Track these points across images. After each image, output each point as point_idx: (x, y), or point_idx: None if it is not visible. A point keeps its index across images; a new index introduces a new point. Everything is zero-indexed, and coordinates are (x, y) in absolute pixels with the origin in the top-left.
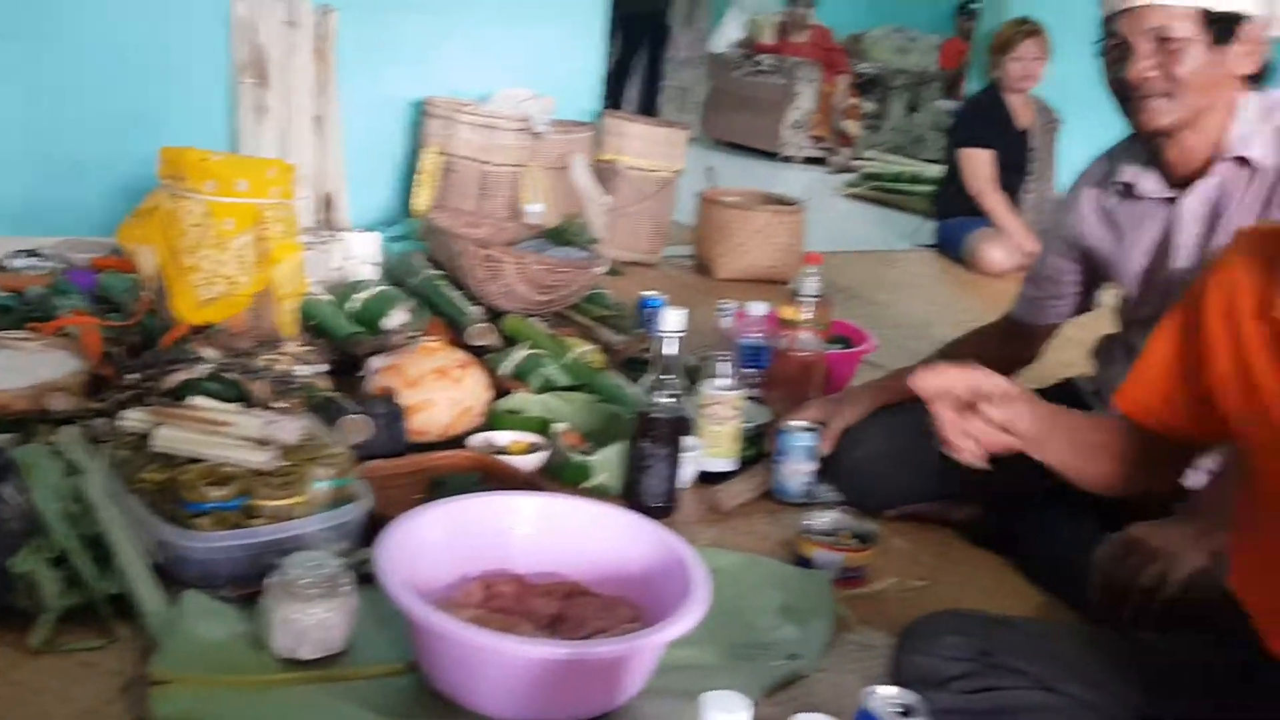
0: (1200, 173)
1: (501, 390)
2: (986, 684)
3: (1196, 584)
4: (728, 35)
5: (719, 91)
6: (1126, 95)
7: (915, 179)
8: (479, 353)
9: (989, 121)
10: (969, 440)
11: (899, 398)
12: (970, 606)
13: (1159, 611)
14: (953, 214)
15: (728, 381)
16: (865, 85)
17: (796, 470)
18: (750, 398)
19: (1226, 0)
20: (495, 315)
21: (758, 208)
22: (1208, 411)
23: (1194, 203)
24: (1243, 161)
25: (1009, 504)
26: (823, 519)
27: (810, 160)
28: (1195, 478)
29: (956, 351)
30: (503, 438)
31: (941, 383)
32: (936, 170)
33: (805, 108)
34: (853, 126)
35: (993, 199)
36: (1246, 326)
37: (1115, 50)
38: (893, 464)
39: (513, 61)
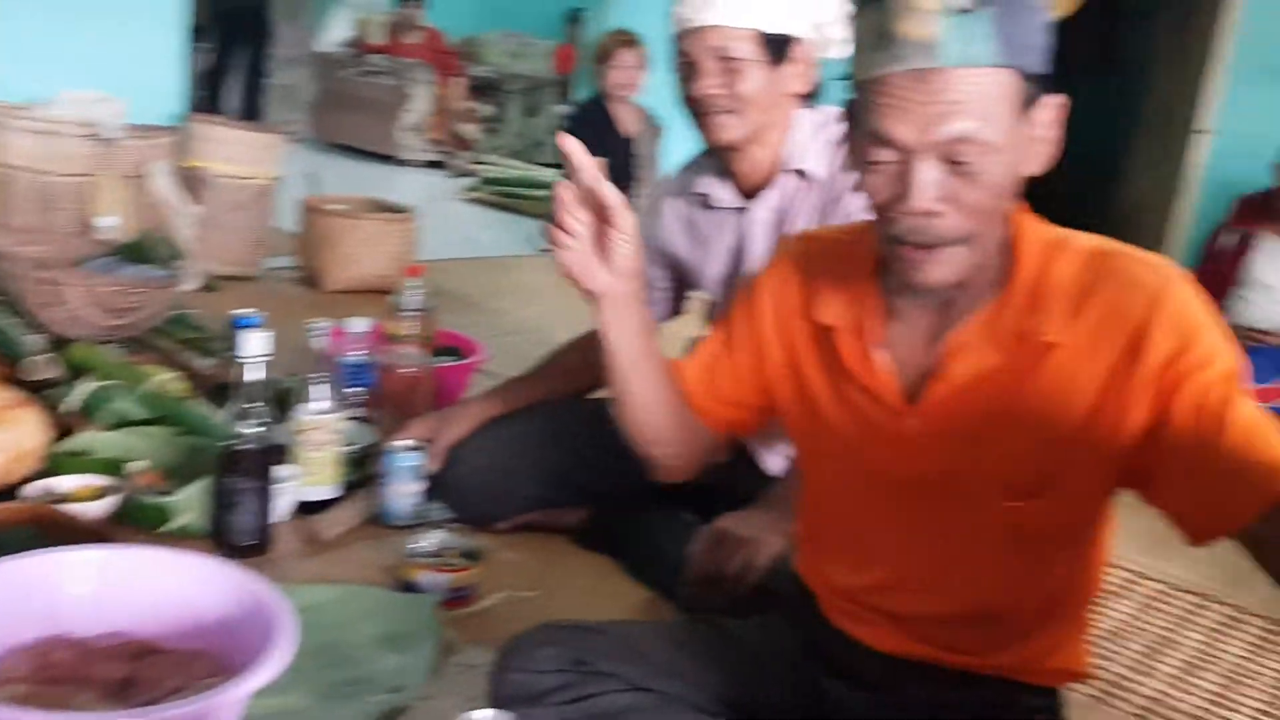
0: (766, 183)
1: (65, 429)
2: (583, 693)
3: (779, 568)
4: (335, 34)
5: (329, 92)
6: (697, 111)
7: (534, 184)
8: (38, 388)
9: (595, 129)
10: (576, 241)
11: (506, 409)
12: (580, 611)
13: (748, 597)
14: None
15: (324, 404)
16: (481, 89)
17: (403, 491)
18: (356, 418)
19: (780, 24)
20: (60, 344)
21: (365, 215)
22: (763, 405)
23: (761, 212)
24: (801, 173)
25: (615, 505)
26: (428, 540)
27: (429, 164)
28: (776, 463)
29: (559, 362)
30: (66, 483)
31: (594, 172)
32: (555, 175)
33: (420, 110)
34: (470, 130)
35: None
36: (794, 325)
37: (685, 68)
38: (501, 476)
39: (76, 61)
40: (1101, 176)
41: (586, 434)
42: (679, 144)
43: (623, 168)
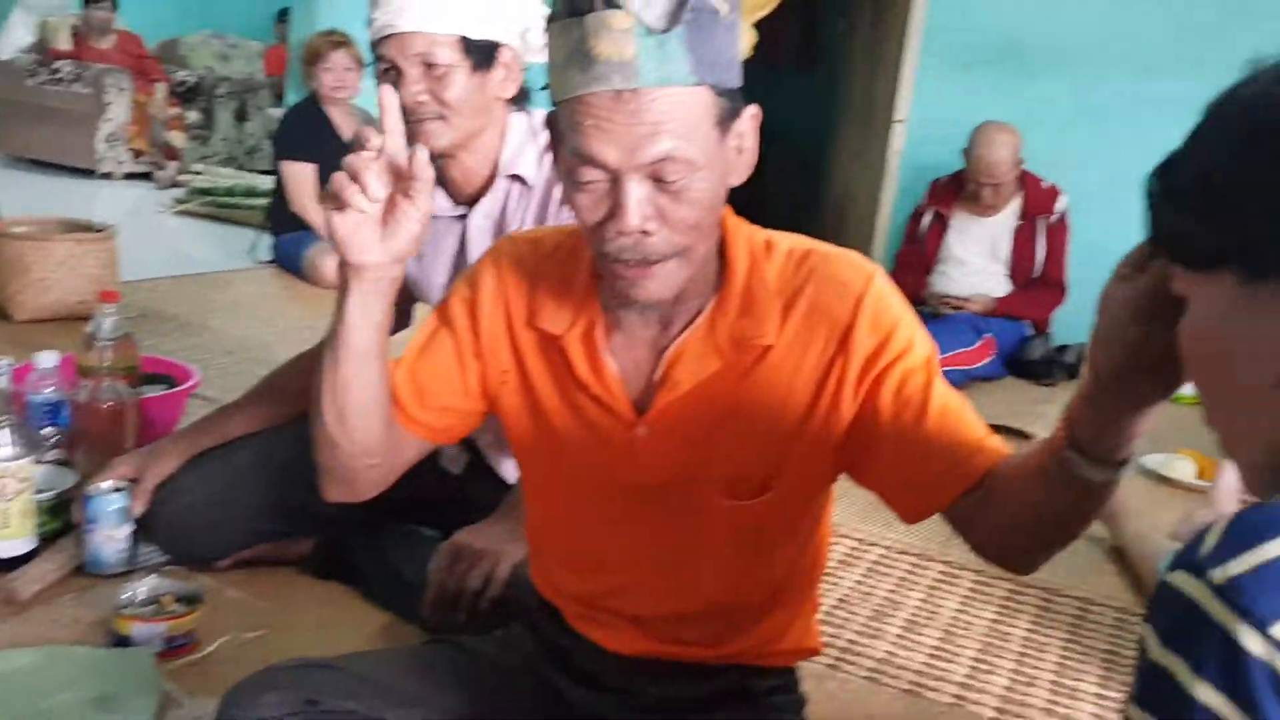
0: (484, 190)
1: None
2: None
3: (520, 577)
4: (16, 39)
5: (12, 103)
6: (404, 119)
7: (250, 192)
8: None
9: (310, 134)
10: (370, 205)
11: (218, 440)
12: (315, 646)
13: (491, 610)
14: (289, 228)
15: (8, 450)
16: (187, 94)
17: (110, 537)
18: (50, 461)
19: (483, 29)
20: None
21: (58, 236)
22: (481, 411)
23: (480, 218)
24: (518, 179)
25: (344, 530)
26: (141, 588)
27: (134, 176)
28: (513, 471)
29: (275, 386)
30: None
31: (402, 137)
32: (271, 182)
33: (119, 119)
34: (178, 138)
35: (318, 214)
36: (521, 333)
37: (387, 75)
38: (218, 511)
39: None
40: (812, 169)
41: (311, 457)
42: None
43: None
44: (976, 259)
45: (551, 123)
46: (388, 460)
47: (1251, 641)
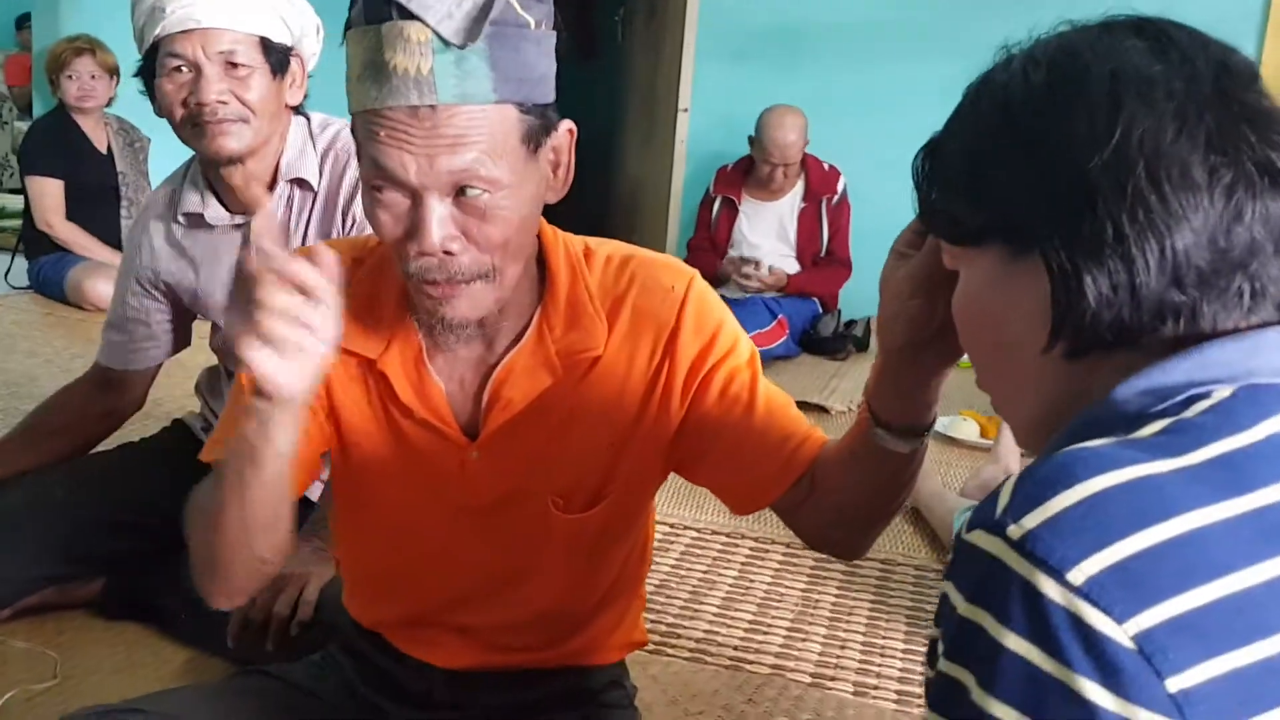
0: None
1: None
2: None
3: (331, 597)
4: None
5: None
6: (198, 119)
7: (0, 212)
8: None
9: (59, 147)
10: (320, 336)
11: None
12: (113, 690)
13: (302, 635)
14: (46, 250)
15: None
16: None
17: None
18: None
19: (279, 32)
20: None
21: None
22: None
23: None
24: (300, 182)
25: (139, 565)
26: None
27: None
28: (314, 489)
29: (45, 422)
30: None
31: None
32: (22, 202)
33: None
34: None
35: (65, 230)
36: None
37: (180, 72)
38: None
39: None
40: (602, 160)
41: (96, 494)
42: (169, 155)
43: (104, 188)
44: (766, 241)
45: (353, 131)
46: (282, 555)
47: (1050, 589)
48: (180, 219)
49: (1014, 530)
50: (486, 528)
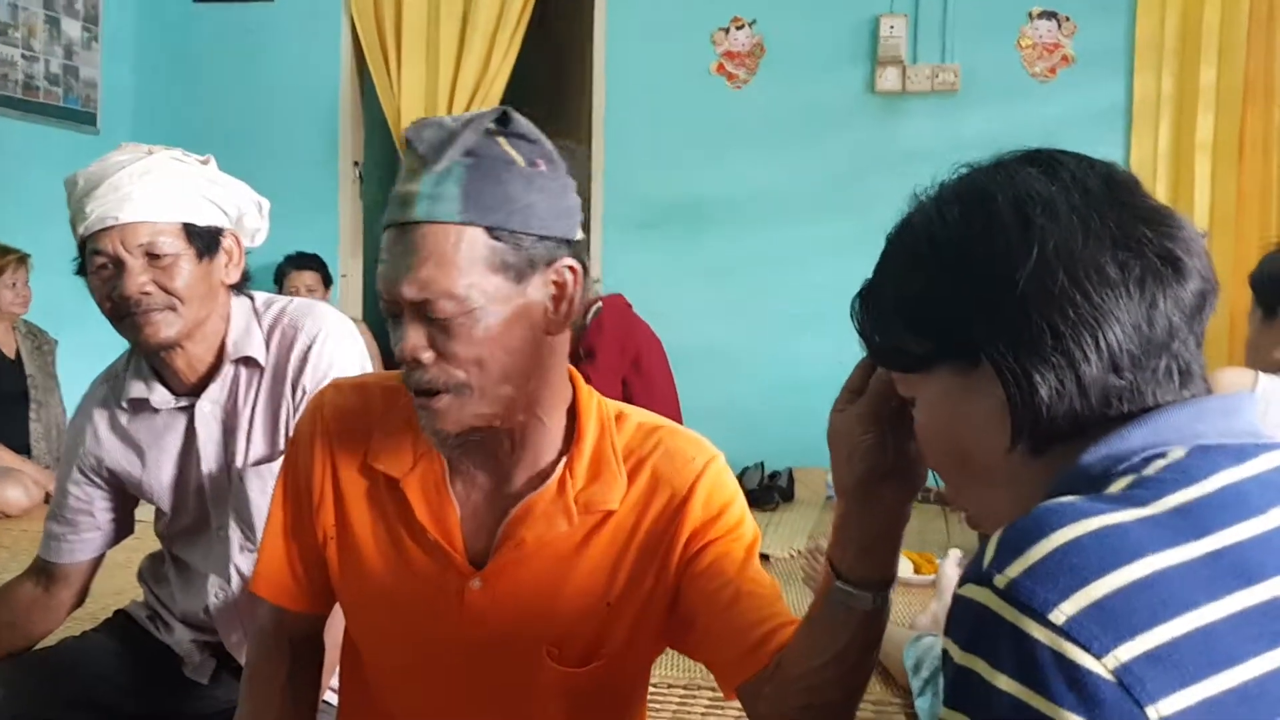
0: (210, 377)
1: None
2: None
3: None
4: None
5: None
6: (125, 312)
7: None
8: None
9: None
10: None
11: None
12: None
13: None
14: None
15: None
16: None
17: None
18: None
19: (204, 215)
20: None
21: None
22: (323, 577)
23: (208, 405)
24: (247, 360)
25: None
26: None
27: None
28: None
29: None
30: None
31: None
32: None
33: None
34: None
35: None
36: (347, 479)
37: (105, 269)
38: None
39: None
40: None
41: (39, 690)
42: (76, 355)
43: (14, 394)
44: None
45: None
46: None
47: (1035, 630)
48: (124, 405)
49: (999, 580)
50: (480, 669)
